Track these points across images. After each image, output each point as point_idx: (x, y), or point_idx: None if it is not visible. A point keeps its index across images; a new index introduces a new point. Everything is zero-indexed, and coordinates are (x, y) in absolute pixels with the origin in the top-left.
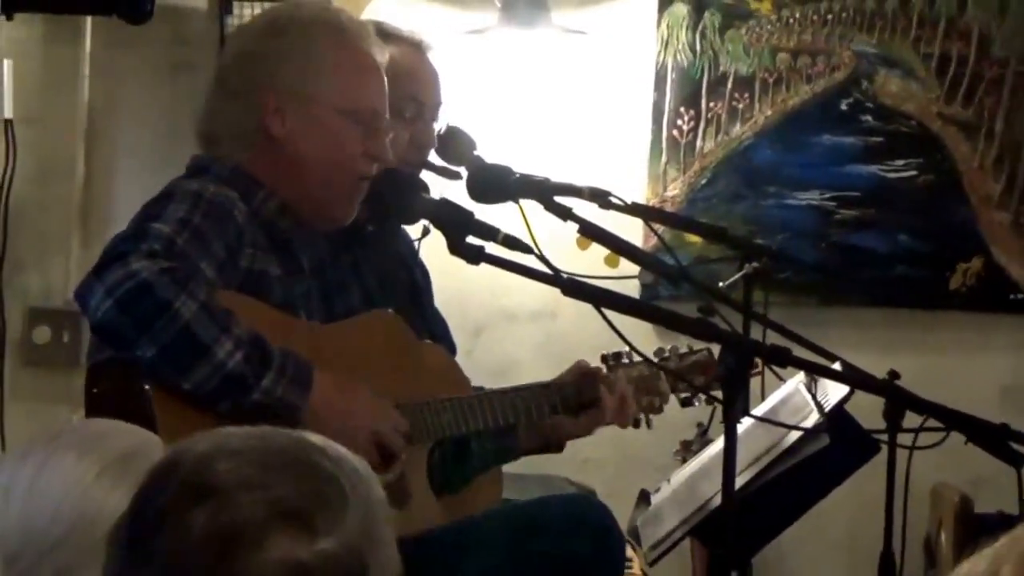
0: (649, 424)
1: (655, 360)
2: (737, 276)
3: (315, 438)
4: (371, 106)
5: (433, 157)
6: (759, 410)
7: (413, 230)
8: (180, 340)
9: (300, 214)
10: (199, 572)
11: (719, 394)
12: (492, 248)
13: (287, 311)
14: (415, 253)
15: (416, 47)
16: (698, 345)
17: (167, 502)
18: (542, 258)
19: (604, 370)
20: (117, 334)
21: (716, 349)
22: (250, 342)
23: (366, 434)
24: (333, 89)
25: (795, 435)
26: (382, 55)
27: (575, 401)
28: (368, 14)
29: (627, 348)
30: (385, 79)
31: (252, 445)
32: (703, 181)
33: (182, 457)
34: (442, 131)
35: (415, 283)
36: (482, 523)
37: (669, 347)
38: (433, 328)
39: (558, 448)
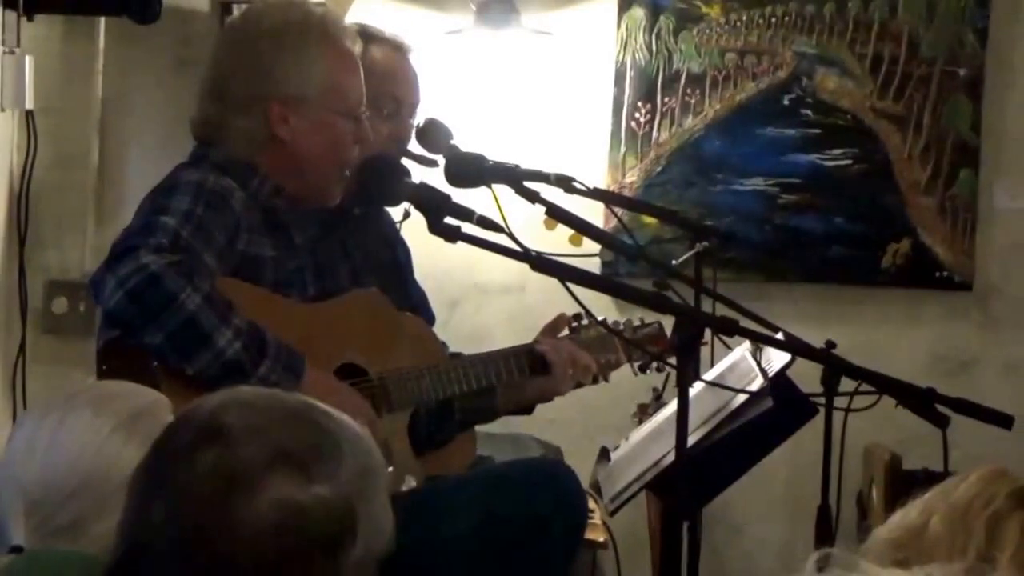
0: (606, 378)
1: (613, 328)
2: (689, 255)
3: (321, 404)
4: (358, 100)
5: (412, 146)
6: (709, 375)
7: (395, 213)
8: (184, 329)
9: (292, 195)
10: (203, 505)
11: (673, 361)
12: (468, 228)
13: (280, 290)
14: (397, 233)
15: (397, 49)
16: (650, 318)
17: (182, 442)
18: (513, 237)
19: (567, 331)
20: (127, 322)
21: (668, 321)
22: (248, 332)
23: None
24: (329, 92)
25: (741, 398)
26: (357, 46)
27: (542, 362)
28: (352, 16)
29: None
30: (361, 69)
31: (262, 399)
32: (658, 169)
33: (200, 406)
34: (421, 124)
35: (397, 260)
36: (455, 486)
37: (624, 320)
38: (413, 300)
39: (528, 411)
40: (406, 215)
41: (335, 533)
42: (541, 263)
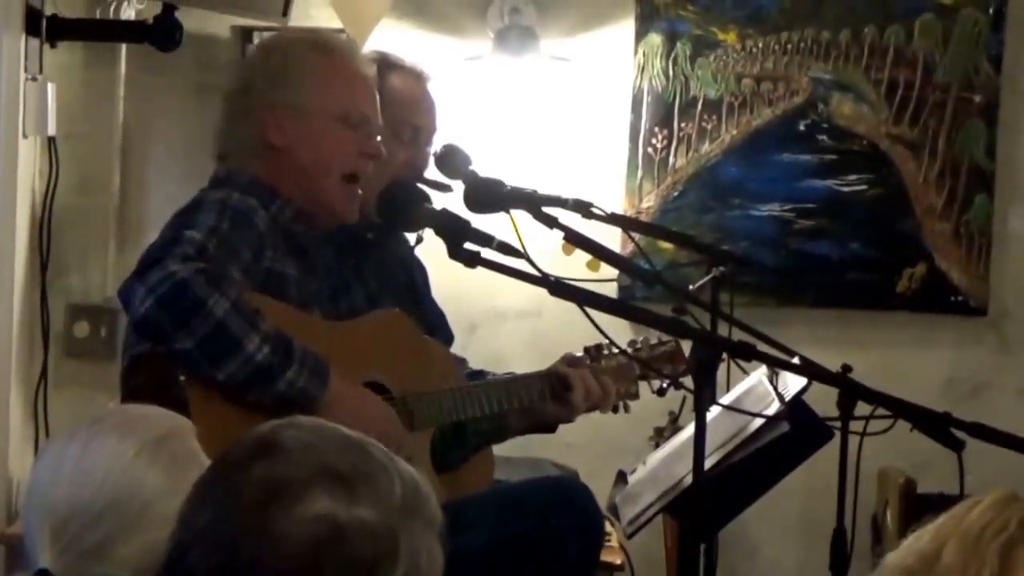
0: (627, 409)
1: (631, 353)
2: (705, 279)
3: (382, 445)
4: (359, 110)
5: (431, 172)
6: (726, 399)
7: (408, 237)
8: (214, 334)
9: (311, 216)
10: (244, 512)
11: (690, 384)
12: (486, 253)
13: (304, 309)
14: (414, 255)
15: (416, 77)
16: (667, 337)
17: (237, 455)
18: (531, 262)
19: (587, 361)
20: (158, 328)
21: (686, 346)
22: (275, 338)
23: (374, 432)
24: (322, 98)
25: (758, 422)
26: (369, 68)
27: (562, 388)
28: (371, 43)
29: (606, 341)
30: (374, 89)
31: (322, 424)
32: (675, 194)
33: (262, 425)
34: (440, 150)
35: (414, 283)
36: (471, 503)
37: (641, 338)
38: (431, 321)
39: (550, 429)
40: (419, 239)
41: (371, 558)
42: (559, 288)
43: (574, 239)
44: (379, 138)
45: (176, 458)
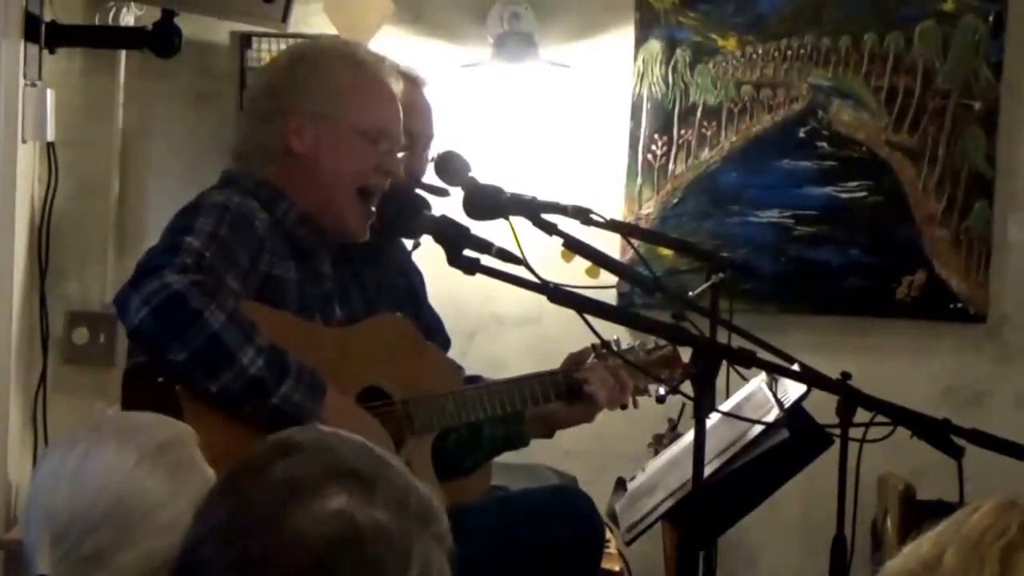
0: (635, 404)
1: (629, 358)
2: (705, 286)
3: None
4: (384, 126)
5: (429, 177)
6: (725, 406)
7: (406, 242)
8: (209, 346)
9: (318, 225)
10: (260, 511)
11: (690, 391)
12: (485, 260)
13: (303, 314)
14: (411, 260)
15: (412, 82)
16: (663, 341)
17: (258, 456)
18: (531, 269)
19: (592, 357)
20: (152, 339)
21: (685, 353)
22: (271, 351)
23: None
24: (348, 110)
25: (758, 429)
26: (396, 85)
27: (566, 386)
28: (371, 48)
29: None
30: (399, 106)
31: (339, 431)
32: (674, 201)
33: (283, 431)
34: (439, 156)
35: (412, 288)
36: (472, 511)
37: (637, 343)
38: (429, 325)
39: (548, 434)
40: (416, 246)
41: (384, 560)
42: (558, 295)
43: (573, 246)
44: (400, 155)
45: (177, 466)
